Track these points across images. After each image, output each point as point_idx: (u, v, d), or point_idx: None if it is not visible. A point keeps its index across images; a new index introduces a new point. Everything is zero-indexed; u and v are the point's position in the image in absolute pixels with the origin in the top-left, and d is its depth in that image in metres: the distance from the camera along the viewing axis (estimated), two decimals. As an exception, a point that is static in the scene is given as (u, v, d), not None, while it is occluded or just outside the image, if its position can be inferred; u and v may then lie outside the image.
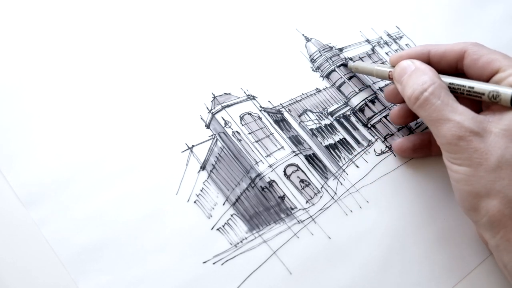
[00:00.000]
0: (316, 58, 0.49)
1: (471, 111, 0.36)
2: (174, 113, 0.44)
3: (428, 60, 0.41)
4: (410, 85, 0.38)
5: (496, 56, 0.38)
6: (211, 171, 0.42)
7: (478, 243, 0.41)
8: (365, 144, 0.46)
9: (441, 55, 0.41)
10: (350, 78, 0.49)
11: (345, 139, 0.46)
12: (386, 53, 0.51)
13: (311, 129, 0.46)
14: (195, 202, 0.41)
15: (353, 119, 0.47)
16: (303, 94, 0.47)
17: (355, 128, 0.47)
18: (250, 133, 0.45)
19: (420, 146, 0.44)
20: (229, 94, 0.46)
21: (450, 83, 0.39)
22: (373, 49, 0.51)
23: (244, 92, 0.46)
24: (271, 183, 0.42)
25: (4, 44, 0.45)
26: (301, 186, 0.43)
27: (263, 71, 0.47)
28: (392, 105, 0.48)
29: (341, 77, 0.49)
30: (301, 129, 0.46)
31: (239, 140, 0.44)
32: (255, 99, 0.46)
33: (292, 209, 0.42)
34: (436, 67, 0.40)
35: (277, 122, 0.46)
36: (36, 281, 0.37)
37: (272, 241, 0.40)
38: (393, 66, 0.42)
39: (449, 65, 0.41)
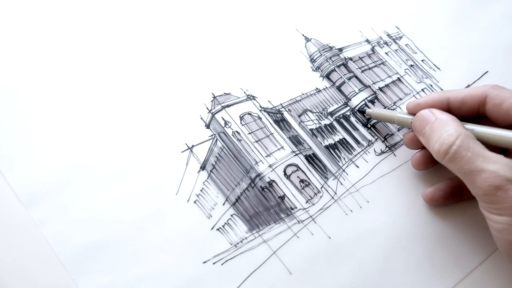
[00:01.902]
0: (316, 58, 0.49)
1: (504, 158, 0.34)
2: (174, 113, 0.44)
3: (448, 107, 0.40)
4: (435, 139, 0.37)
5: None
6: (211, 171, 0.42)
7: (478, 243, 0.41)
8: (365, 144, 0.46)
9: (461, 101, 0.40)
10: (350, 78, 0.49)
11: (345, 139, 0.46)
12: (386, 53, 0.51)
13: (311, 129, 0.46)
14: (195, 202, 0.41)
15: (353, 119, 0.47)
16: (303, 94, 0.47)
17: (355, 128, 0.47)
18: (250, 133, 0.45)
19: (452, 193, 0.42)
20: (229, 94, 0.46)
21: (474, 132, 0.37)
22: (373, 49, 0.51)
23: (244, 92, 0.46)
24: (271, 183, 0.42)
25: (4, 44, 0.45)
26: (301, 186, 0.43)
27: (263, 71, 0.47)
28: (392, 104, 0.48)
29: (341, 77, 0.49)
30: (301, 129, 0.46)
31: (239, 140, 0.44)
32: (255, 99, 0.46)
33: (292, 209, 0.42)
34: (457, 114, 0.39)
35: (277, 122, 0.46)
36: (36, 281, 0.37)
37: (272, 241, 0.40)
38: (412, 114, 0.41)
39: (470, 111, 0.40)
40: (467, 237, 0.42)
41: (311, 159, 0.44)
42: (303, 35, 0.50)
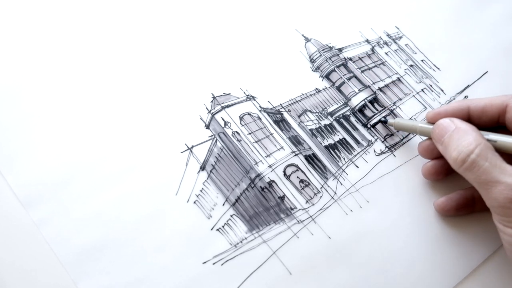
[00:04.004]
0: (316, 58, 0.49)
1: None
2: (174, 114, 0.44)
3: (468, 115, 0.40)
4: (453, 146, 0.37)
5: None
6: (210, 171, 0.42)
7: (478, 243, 0.41)
8: (365, 144, 0.46)
9: (481, 110, 0.40)
10: (349, 78, 0.49)
11: (344, 139, 0.46)
12: (386, 53, 0.51)
13: (310, 129, 0.46)
14: (194, 202, 0.41)
15: (352, 119, 0.47)
16: (303, 94, 0.47)
17: (355, 128, 0.47)
18: (249, 134, 0.45)
19: (464, 204, 0.41)
20: (228, 94, 0.46)
21: (493, 141, 0.38)
22: (372, 49, 0.51)
23: (244, 93, 0.46)
24: (270, 183, 0.42)
25: (4, 44, 0.45)
26: (301, 186, 0.43)
27: (263, 71, 0.47)
28: (392, 104, 0.48)
29: (341, 77, 0.49)
30: (301, 129, 0.46)
31: (239, 141, 0.44)
32: (254, 99, 0.46)
33: (292, 209, 0.42)
34: (477, 123, 0.39)
35: (276, 122, 0.46)
36: (36, 282, 0.37)
37: (272, 241, 0.40)
38: (432, 123, 0.41)
39: (491, 120, 0.40)
40: (467, 237, 0.42)
41: (311, 159, 0.44)
42: (303, 35, 0.50)
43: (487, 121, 0.40)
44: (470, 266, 0.41)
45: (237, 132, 0.44)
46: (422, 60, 0.50)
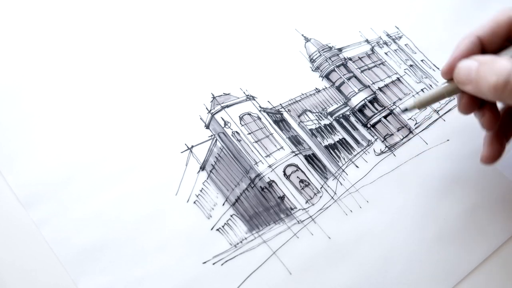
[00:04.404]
0: (316, 58, 0.49)
1: None
2: (173, 114, 0.44)
3: (481, 47, 0.38)
4: (488, 74, 0.34)
5: None
6: (210, 171, 0.42)
7: (477, 244, 0.41)
8: (365, 144, 0.46)
9: (491, 34, 0.38)
10: (349, 78, 0.49)
11: (344, 139, 0.46)
12: (385, 53, 0.51)
13: (310, 129, 0.46)
14: (194, 202, 0.41)
15: (352, 119, 0.47)
16: (303, 94, 0.47)
17: (355, 128, 0.47)
18: (249, 133, 0.45)
19: (502, 142, 0.40)
20: (228, 94, 0.46)
21: None
22: (372, 49, 0.51)
23: (244, 92, 0.46)
24: (270, 183, 0.42)
25: (4, 44, 0.45)
26: (301, 186, 0.43)
27: (263, 71, 0.47)
28: (392, 104, 0.48)
29: (341, 77, 0.49)
30: (301, 129, 0.46)
31: (239, 141, 0.44)
32: (254, 99, 0.46)
33: (291, 209, 0.42)
34: (492, 48, 0.38)
35: (276, 122, 0.46)
36: (35, 282, 0.37)
37: (272, 241, 0.40)
38: (451, 79, 0.38)
39: (502, 40, 0.38)
40: (467, 237, 0.42)
41: (311, 159, 0.44)
42: (302, 35, 0.50)
43: (500, 42, 0.38)
44: (469, 266, 0.41)
45: (237, 132, 0.45)
46: (421, 60, 0.50)
